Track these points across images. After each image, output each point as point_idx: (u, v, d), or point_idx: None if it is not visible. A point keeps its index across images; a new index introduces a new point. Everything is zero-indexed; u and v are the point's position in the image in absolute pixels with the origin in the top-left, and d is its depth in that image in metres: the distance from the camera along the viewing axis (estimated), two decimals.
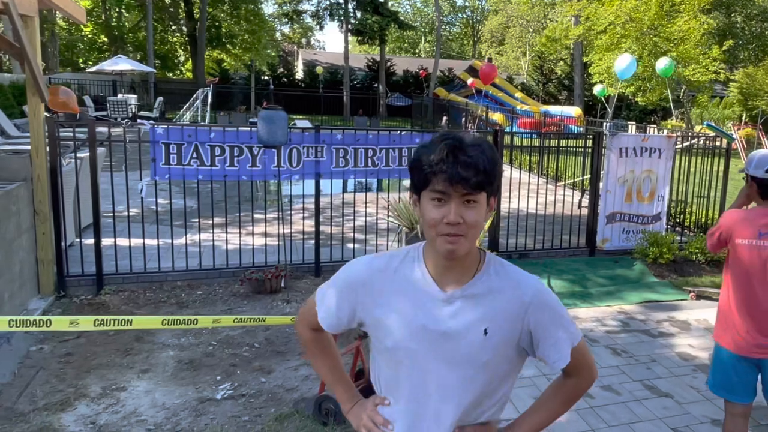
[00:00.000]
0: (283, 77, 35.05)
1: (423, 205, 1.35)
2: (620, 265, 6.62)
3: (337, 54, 37.20)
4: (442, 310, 1.38)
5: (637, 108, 30.15)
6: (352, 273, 1.48)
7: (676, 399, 3.88)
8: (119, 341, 4.30)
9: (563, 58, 36.87)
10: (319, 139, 5.79)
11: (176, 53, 36.96)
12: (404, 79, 35.69)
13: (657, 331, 4.99)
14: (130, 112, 18.60)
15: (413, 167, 1.35)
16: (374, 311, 1.43)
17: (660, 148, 7.02)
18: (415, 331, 1.38)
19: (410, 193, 1.41)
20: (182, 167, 5.39)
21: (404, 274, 1.42)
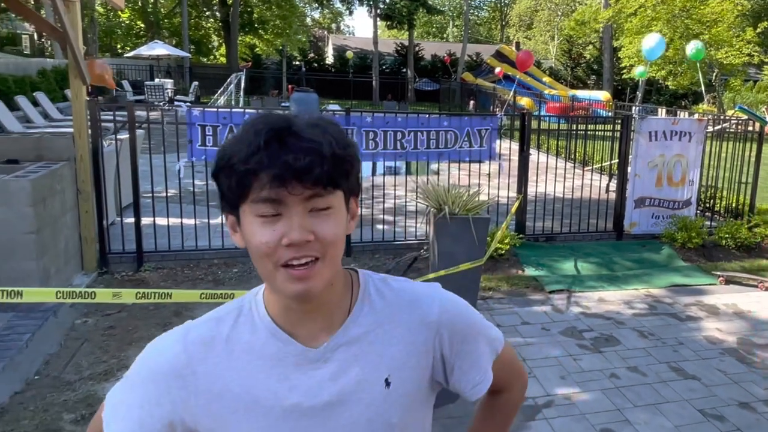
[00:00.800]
0: (314, 62, 35.04)
1: (245, 227, 0.86)
2: (648, 249, 6.51)
3: (367, 39, 36.97)
4: (317, 374, 0.91)
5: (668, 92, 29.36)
6: (155, 362, 0.92)
7: (703, 381, 3.82)
8: (159, 316, 4.41)
9: (592, 41, 36.01)
10: (350, 121, 5.79)
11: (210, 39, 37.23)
12: (432, 64, 35.32)
13: (684, 314, 4.91)
14: (166, 96, 18.85)
15: (220, 170, 0.85)
16: (207, 411, 0.91)
17: (690, 131, 6.83)
18: (283, 417, 0.90)
19: (225, 215, 0.90)
20: (218, 148, 5.45)
21: (243, 340, 0.92)
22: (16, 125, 9.64)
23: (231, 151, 0.83)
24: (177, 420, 0.91)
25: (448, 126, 6.25)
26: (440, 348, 0.99)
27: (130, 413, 0.91)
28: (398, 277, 1.04)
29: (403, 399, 0.95)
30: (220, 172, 0.85)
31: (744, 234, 6.52)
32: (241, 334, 0.92)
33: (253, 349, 0.91)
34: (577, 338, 4.40)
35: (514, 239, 6.14)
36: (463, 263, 4.26)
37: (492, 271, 5.67)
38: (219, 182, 0.86)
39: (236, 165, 0.82)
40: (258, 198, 0.82)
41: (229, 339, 0.92)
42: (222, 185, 0.86)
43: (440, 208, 4.61)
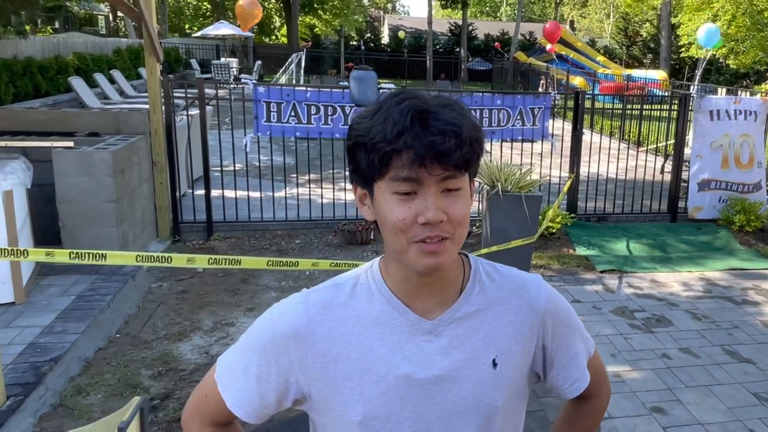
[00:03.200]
0: (370, 42, 34.79)
1: (379, 203, 0.86)
2: (704, 231, 6.20)
3: (421, 19, 36.33)
4: (429, 347, 0.90)
5: (728, 71, 27.61)
6: (277, 323, 0.93)
7: (758, 365, 3.65)
8: (227, 282, 4.55)
9: (649, 19, 34.12)
10: None
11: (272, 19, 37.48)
12: (485, 44, 34.40)
13: (741, 298, 4.68)
14: (231, 75, 19.18)
15: (357, 146, 0.85)
16: (321, 374, 0.91)
17: (756, 110, 6.39)
18: (395, 386, 0.90)
19: (354, 186, 0.91)
20: (282, 125, 5.52)
21: (360, 307, 0.92)
22: (95, 101, 10.04)
23: (375, 130, 0.82)
24: (292, 380, 0.93)
25: (501, 104, 6.10)
26: (543, 336, 0.98)
27: (247, 372, 0.93)
28: (504, 265, 1.02)
29: (507, 382, 0.94)
30: (358, 148, 0.85)
31: None
32: (358, 301, 0.93)
33: (369, 316, 0.92)
34: (629, 318, 4.27)
35: (566, 218, 5.97)
36: (514, 240, 4.20)
37: (543, 249, 5.55)
38: (355, 157, 0.86)
39: (379, 144, 0.81)
40: (398, 176, 0.82)
41: (347, 305, 0.92)
42: (360, 161, 0.85)
43: (493, 185, 4.54)
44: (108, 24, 35.97)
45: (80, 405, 2.97)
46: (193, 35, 27.46)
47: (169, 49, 20.65)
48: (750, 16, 19.70)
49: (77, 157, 4.35)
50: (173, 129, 5.36)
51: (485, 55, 31.83)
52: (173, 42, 25.04)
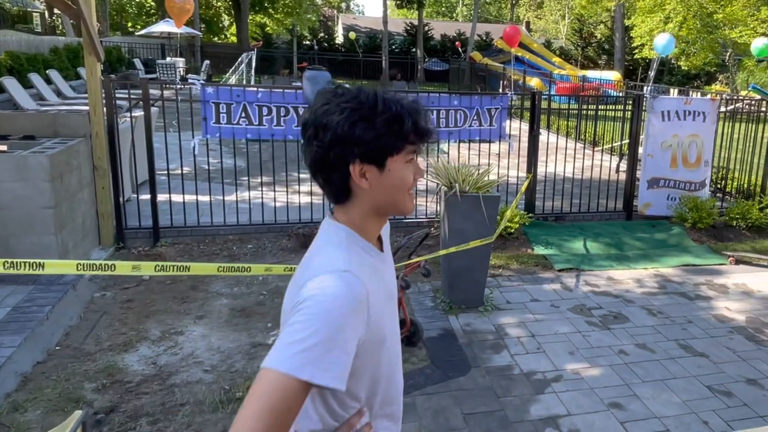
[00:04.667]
0: (324, 42, 34.74)
1: (394, 171, 1.14)
2: (658, 229, 6.48)
3: (376, 18, 36.55)
4: (386, 270, 1.25)
5: (680, 73, 28.90)
6: (349, 299, 1.04)
7: (711, 359, 3.84)
8: (176, 290, 4.47)
9: (604, 21, 35.38)
10: None
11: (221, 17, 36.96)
12: (442, 44, 34.91)
13: (694, 293, 4.91)
14: (178, 75, 18.80)
15: (400, 123, 1.12)
16: (371, 318, 1.09)
17: (704, 111, 6.74)
18: (388, 300, 1.22)
19: (357, 165, 1.12)
20: (232, 126, 5.46)
21: (366, 261, 1.16)
22: (30, 102, 9.68)
23: (397, 115, 1.13)
24: (359, 339, 1.08)
25: (458, 105, 6.21)
26: None
27: (346, 350, 1.03)
28: None
29: None
30: (386, 131, 1.12)
31: (755, 215, 6.47)
32: (363, 257, 1.17)
33: (371, 265, 1.18)
34: (586, 315, 4.42)
35: (524, 218, 6.13)
36: (473, 241, 4.28)
37: (501, 250, 5.67)
38: (377, 141, 1.12)
39: (404, 127, 1.13)
40: (411, 150, 1.17)
41: (363, 263, 1.15)
42: (381, 143, 1.13)
43: (451, 186, 4.61)
44: (44, 21, 34.69)
45: (17, 422, 2.86)
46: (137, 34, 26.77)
47: (111, 48, 20.09)
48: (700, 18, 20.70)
49: (11, 162, 4.19)
50: (116, 131, 5.23)
51: (442, 55, 32.29)
52: (115, 41, 24.37)
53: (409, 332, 3.78)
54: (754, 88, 8.46)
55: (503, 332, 4.11)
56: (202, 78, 19.29)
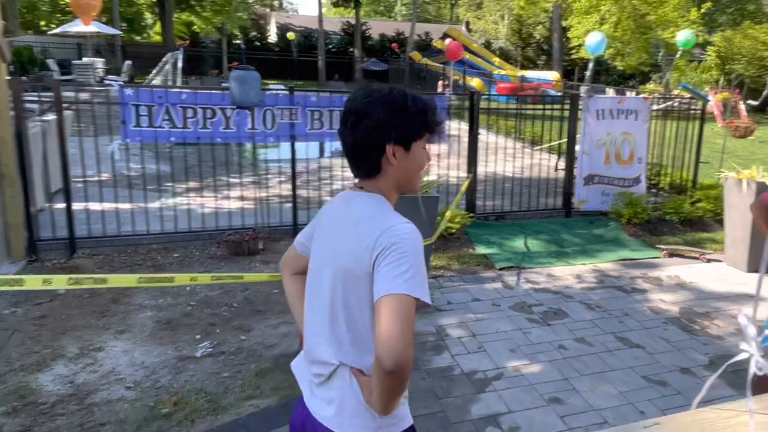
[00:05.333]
0: (256, 41, 34.36)
1: (415, 152, 1.53)
2: (595, 225, 6.78)
3: (312, 17, 36.52)
4: None
5: (616, 72, 30.34)
6: (420, 238, 1.49)
7: (647, 350, 4.05)
8: (95, 303, 4.31)
9: (542, 21, 36.73)
10: (293, 101, 5.77)
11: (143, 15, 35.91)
12: (380, 44, 35.25)
13: (630, 287, 5.17)
14: (97, 76, 18.14)
15: (425, 115, 1.52)
16: None
17: (637, 110, 7.12)
18: None
19: (391, 145, 1.49)
20: (154, 129, 5.33)
21: None
22: None
23: (424, 106, 1.53)
24: None
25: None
26: None
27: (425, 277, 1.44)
28: None
29: None
30: (420, 120, 1.52)
31: (687, 209, 6.88)
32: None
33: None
34: (527, 313, 4.57)
35: (465, 218, 6.28)
36: None
37: (443, 250, 5.79)
38: (412, 127, 1.51)
39: (433, 117, 1.54)
40: (427, 137, 1.55)
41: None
42: (415, 129, 1.52)
43: None
44: None
45: None
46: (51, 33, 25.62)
47: (22, 48, 19.16)
48: (634, 19, 21.83)
49: None
50: (25, 137, 5.01)
51: (380, 55, 32.59)
52: (27, 40, 23.24)
53: None
54: (685, 87, 9.00)
55: (444, 333, 4.19)
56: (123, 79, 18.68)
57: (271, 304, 4.45)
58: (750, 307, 4.83)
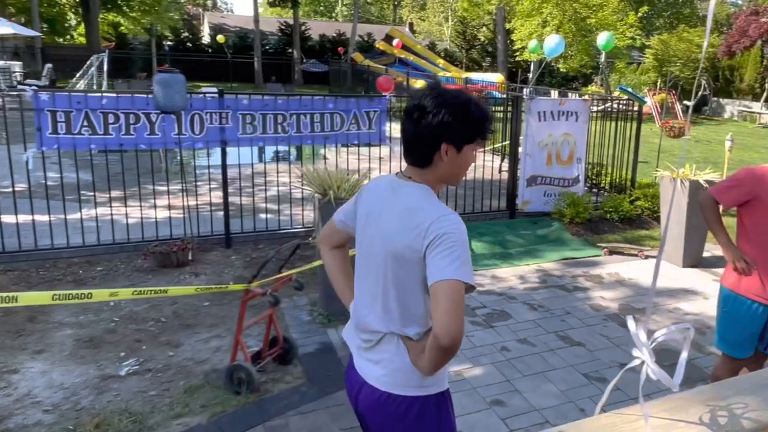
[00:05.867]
0: (188, 42, 33.72)
1: (466, 154, 1.72)
2: (539, 225, 6.98)
3: (247, 17, 36.16)
4: None
5: (559, 75, 31.34)
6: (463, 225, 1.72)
7: (588, 347, 4.20)
8: (9, 323, 4.12)
9: (486, 23, 37.62)
10: (223, 104, 5.70)
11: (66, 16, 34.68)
12: (321, 44, 35.24)
13: (572, 285, 5.35)
14: (14, 80, 17.40)
15: (483, 124, 1.73)
16: None
17: (577, 111, 7.39)
18: None
19: (446, 144, 1.68)
20: (72, 137, 5.16)
21: None
22: None
23: (485, 113, 1.73)
24: None
25: (334, 108, 6.31)
26: None
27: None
28: None
29: None
30: (482, 124, 1.73)
31: (626, 207, 7.19)
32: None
33: None
34: (470, 316, 4.66)
35: None
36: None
37: None
38: (474, 129, 1.71)
39: (488, 124, 1.75)
40: (481, 142, 1.76)
41: None
42: (475, 132, 1.72)
43: (325, 192, 4.67)
44: None
45: None
46: None
47: None
48: (575, 22, 22.65)
49: None
50: None
51: (321, 56, 32.57)
52: None
53: (282, 350, 3.77)
54: (622, 89, 9.41)
55: None
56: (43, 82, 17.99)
57: (202, 317, 4.37)
58: (684, 302, 5.09)
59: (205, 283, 4.96)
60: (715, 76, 25.43)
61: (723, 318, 3.11)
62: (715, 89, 25.27)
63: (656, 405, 1.51)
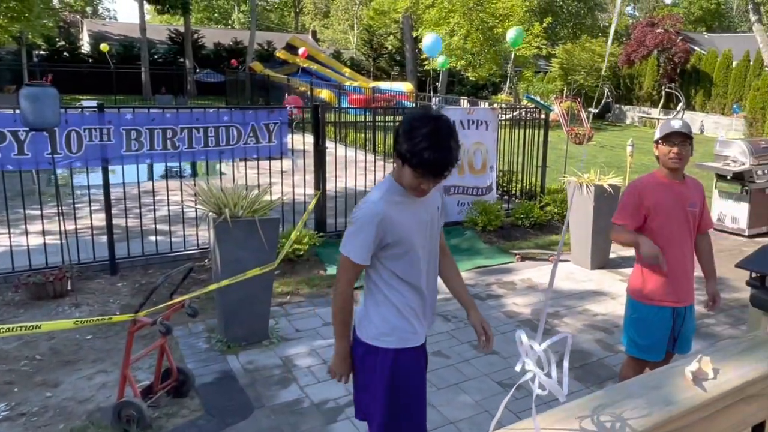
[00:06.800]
0: (65, 51, 32.21)
1: (407, 172, 2.19)
2: (452, 235, 7.18)
3: (132, 25, 35.09)
4: (420, 207, 2.38)
5: (469, 83, 32.49)
6: (374, 212, 2.24)
7: (502, 354, 4.36)
8: None
9: (393, 32, 38.40)
10: (104, 119, 5.49)
11: None
12: (216, 53, 34.72)
13: (486, 293, 5.54)
14: None
15: (417, 158, 2.13)
16: (388, 230, 2.30)
17: (486, 120, 7.70)
18: (418, 229, 2.40)
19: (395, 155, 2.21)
20: None
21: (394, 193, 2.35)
22: None
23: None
24: (379, 239, 2.26)
25: (230, 121, 6.21)
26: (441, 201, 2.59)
27: (363, 240, 2.28)
28: None
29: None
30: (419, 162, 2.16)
31: (537, 213, 7.55)
32: (391, 195, 2.27)
33: (398, 200, 2.27)
34: None
35: (314, 238, 6.34)
36: (251, 270, 4.29)
37: (290, 275, 5.80)
38: (408, 151, 2.15)
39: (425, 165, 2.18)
40: (422, 175, 2.21)
41: (389, 199, 2.26)
42: (407, 159, 2.16)
43: (220, 211, 4.56)
44: None
45: None
46: None
47: None
48: (482, 32, 23.60)
49: None
50: None
51: (216, 65, 32.08)
52: None
53: (177, 382, 3.66)
54: (528, 97, 9.92)
55: (292, 364, 4.19)
56: None
57: (84, 352, 4.16)
58: (593, 303, 5.40)
59: (88, 314, 4.73)
60: (617, 84, 27.33)
61: (632, 324, 3.33)
62: (617, 97, 27.15)
63: (550, 415, 1.62)
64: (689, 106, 24.44)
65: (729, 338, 4.86)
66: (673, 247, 3.19)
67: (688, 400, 1.67)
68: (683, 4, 47.16)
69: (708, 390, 1.71)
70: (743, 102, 21.94)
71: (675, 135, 3.13)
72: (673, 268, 3.18)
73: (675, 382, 1.75)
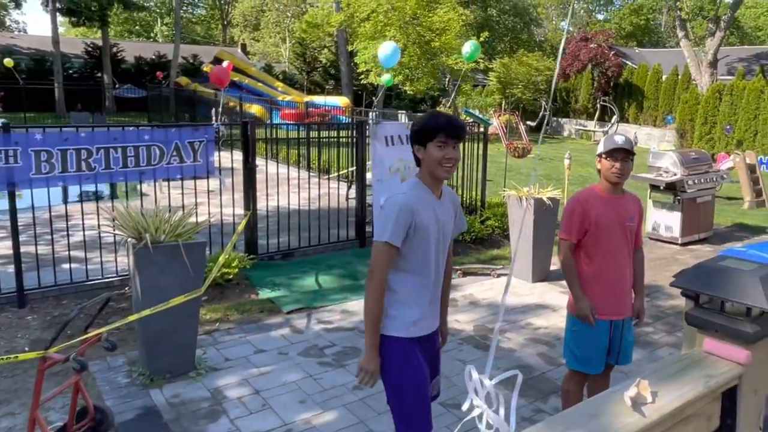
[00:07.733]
0: None
1: (430, 150, 2.65)
2: None
3: (44, 38, 33.92)
4: (439, 208, 2.76)
5: (407, 97, 32.89)
6: (405, 202, 2.60)
7: (444, 373, 4.33)
8: None
9: (327, 45, 38.54)
10: (10, 140, 5.24)
11: None
12: (137, 67, 33.98)
13: None
14: None
15: (433, 124, 2.65)
16: (416, 220, 2.63)
17: None
18: (433, 225, 2.72)
19: (415, 145, 2.70)
20: None
21: (420, 191, 2.77)
22: None
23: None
24: (410, 226, 2.60)
25: (151, 140, 6.01)
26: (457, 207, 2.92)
27: (396, 227, 2.62)
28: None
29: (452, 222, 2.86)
30: (425, 133, 2.65)
31: (477, 227, 7.66)
32: (418, 191, 2.67)
33: (424, 197, 2.67)
34: (318, 357, 4.64)
35: (244, 261, 6.22)
36: (175, 297, 4.15)
37: (219, 300, 5.66)
38: (425, 136, 2.64)
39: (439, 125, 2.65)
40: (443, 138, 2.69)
41: (417, 194, 2.66)
42: (425, 137, 2.64)
43: (140, 236, 4.39)
44: None
45: None
46: None
47: None
48: (420, 46, 23.98)
49: None
50: None
51: (138, 80, 31.41)
52: None
53: (94, 422, 3.48)
54: (467, 111, 10.12)
55: (221, 396, 4.06)
56: None
57: None
58: (535, 316, 5.48)
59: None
60: (554, 98, 28.32)
61: (572, 337, 3.47)
62: (554, 110, 28.11)
63: None
64: (623, 119, 25.60)
65: (666, 346, 5.03)
66: (611, 260, 3.32)
67: (629, 426, 1.72)
68: (614, 19, 49.48)
69: (647, 415, 1.76)
70: (674, 113, 23.12)
71: (619, 151, 3.27)
72: (611, 281, 3.32)
73: (614, 408, 1.79)
